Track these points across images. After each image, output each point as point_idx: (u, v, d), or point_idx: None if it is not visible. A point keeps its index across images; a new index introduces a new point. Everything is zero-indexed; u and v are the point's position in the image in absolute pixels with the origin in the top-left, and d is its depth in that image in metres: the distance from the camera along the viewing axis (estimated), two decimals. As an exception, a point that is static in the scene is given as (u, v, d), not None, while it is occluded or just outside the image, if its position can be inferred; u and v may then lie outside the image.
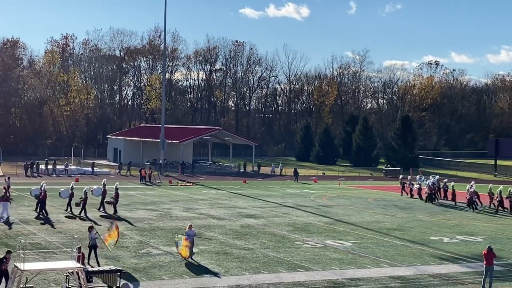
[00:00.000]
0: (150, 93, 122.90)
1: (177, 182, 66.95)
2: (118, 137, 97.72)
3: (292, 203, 51.37)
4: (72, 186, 44.03)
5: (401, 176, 62.75)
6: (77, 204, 41.18)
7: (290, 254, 30.47)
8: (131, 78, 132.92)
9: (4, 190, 41.42)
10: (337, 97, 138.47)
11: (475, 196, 50.26)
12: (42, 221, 37.95)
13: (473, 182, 53.94)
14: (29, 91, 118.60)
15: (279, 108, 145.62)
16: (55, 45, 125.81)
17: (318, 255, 30.40)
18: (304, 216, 44.21)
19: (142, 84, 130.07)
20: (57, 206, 43.27)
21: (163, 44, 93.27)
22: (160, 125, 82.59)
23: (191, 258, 28.34)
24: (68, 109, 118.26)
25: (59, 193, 43.87)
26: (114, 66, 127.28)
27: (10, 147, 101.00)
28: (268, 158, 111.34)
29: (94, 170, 74.23)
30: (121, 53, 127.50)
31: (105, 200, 43.30)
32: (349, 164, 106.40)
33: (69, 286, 21.93)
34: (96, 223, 37.08)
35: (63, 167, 73.82)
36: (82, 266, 20.73)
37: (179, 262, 27.97)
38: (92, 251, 26.53)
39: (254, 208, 47.41)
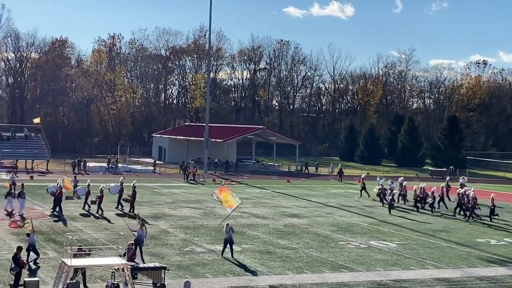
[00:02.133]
0: (194, 92, 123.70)
1: (221, 181, 67.16)
2: (163, 136, 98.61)
3: (335, 203, 51.12)
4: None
5: (448, 178, 61.07)
6: (93, 202, 41.23)
7: (334, 254, 30.33)
8: (176, 77, 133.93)
9: (21, 187, 41.09)
10: (382, 97, 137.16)
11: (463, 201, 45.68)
12: (90, 218, 38.55)
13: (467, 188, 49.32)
14: (77, 90, 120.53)
15: (323, 107, 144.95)
16: (102, 45, 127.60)
17: (362, 256, 30.18)
18: (348, 216, 43.94)
19: (187, 83, 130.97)
20: (105, 203, 43.67)
21: (208, 44, 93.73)
22: (205, 124, 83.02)
23: (232, 256, 28.41)
24: (115, 107, 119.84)
25: (109, 189, 44.21)
26: (160, 65, 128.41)
27: (58, 145, 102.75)
28: (312, 158, 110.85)
29: (155, 169, 75.93)
30: (167, 53, 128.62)
31: (122, 198, 43.20)
32: (394, 164, 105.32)
33: (115, 282, 22.23)
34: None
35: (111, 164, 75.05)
36: (128, 262, 20.97)
37: (222, 260, 28.09)
38: (138, 248, 26.86)
39: (297, 207, 47.33)
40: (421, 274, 26.91)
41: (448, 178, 59.99)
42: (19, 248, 23.10)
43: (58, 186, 41.31)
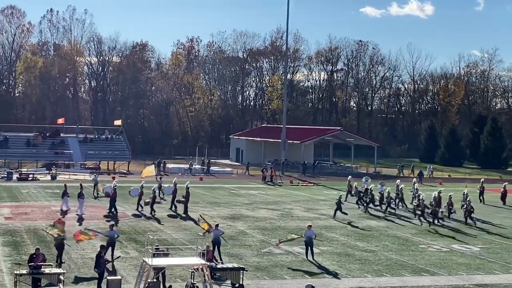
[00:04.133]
0: (271, 93, 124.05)
1: (298, 182, 67.10)
2: (241, 137, 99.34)
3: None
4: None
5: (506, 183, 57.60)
6: (146, 203, 41.34)
7: (414, 258, 29.74)
8: (253, 79, 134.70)
9: (80, 187, 41.69)
10: (464, 97, 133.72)
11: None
12: (170, 218, 39.17)
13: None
14: (157, 93, 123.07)
15: (403, 108, 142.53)
16: (181, 48, 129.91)
17: (443, 260, 29.48)
18: (429, 219, 42.93)
19: (264, 85, 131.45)
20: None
21: (285, 45, 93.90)
22: (282, 126, 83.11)
23: (313, 258, 28.28)
24: (193, 109, 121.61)
25: (162, 190, 44.46)
26: (237, 67, 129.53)
27: (139, 146, 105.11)
28: (391, 160, 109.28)
29: (209, 169, 76.37)
30: (244, 55, 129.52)
31: (176, 199, 43.15)
32: (476, 166, 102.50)
33: (194, 282, 22.47)
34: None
35: (187, 166, 76.25)
36: (207, 262, 21.16)
37: (300, 262, 27.99)
38: (216, 248, 27.08)
39: (376, 210, 46.62)
40: (505, 278, 26.05)
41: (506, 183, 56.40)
42: (103, 247, 23.67)
43: (113, 187, 41.65)
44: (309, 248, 28.45)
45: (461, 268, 27.76)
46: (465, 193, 43.97)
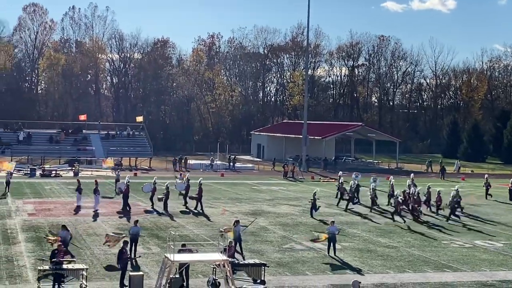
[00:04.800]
0: (292, 89, 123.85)
1: (320, 178, 66.95)
2: (262, 133, 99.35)
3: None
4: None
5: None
6: (159, 199, 41.27)
7: (437, 254, 29.54)
8: (274, 75, 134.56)
9: (95, 183, 41.68)
10: (487, 92, 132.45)
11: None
12: (190, 214, 39.30)
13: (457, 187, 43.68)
14: (178, 89, 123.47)
15: (424, 103, 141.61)
16: (202, 44, 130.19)
17: (466, 256, 29.25)
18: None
19: (285, 80, 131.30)
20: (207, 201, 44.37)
21: (306, 41, 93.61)
22: (303, 121, 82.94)
23: (335, 254, 28.21)
24: (214, 106, 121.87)
25: (175, 186, 44.42)
26: (258, 63, 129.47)
27: (160, 142, 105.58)
28: (413, 155, 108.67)
29: (235, 165, 76.38)
30: (265, 51, 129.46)
31: (188, 195, 43.04)
32: (499, 162, 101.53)
33: (216, 278, 22.51)
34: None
35: (208, 162, 76.50)
36: (228, 258, 21.18)
37: (322, 258, 27.93)
38: (237, 244, 27.10)
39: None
40: (530, 275, 25.77)
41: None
42: (125, 243, 23.79)
43: (126, 183, 41.48)
44: (331, 244, 28.36)
45: (484, 264, 27.52)
46: (456, 189, 42.63)
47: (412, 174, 52.15)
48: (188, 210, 41.01)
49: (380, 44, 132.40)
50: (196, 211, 40.54)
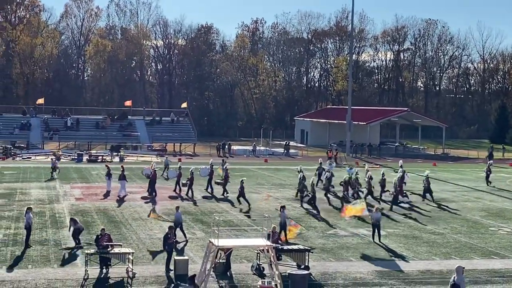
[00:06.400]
0: (336, 74, 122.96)
1: (364, 164, 66.34)
2: (305, 119, 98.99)
3: (485, 187, 48.88)
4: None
5: None
6: (183, 185, 41.20)
7: (484, 241, 29.08)
8: (318, 60, 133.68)
9: (121, 169, 41.43)
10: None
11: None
12: (234, 200, 39.39)
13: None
14: (221, 75, 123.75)
15: (472, 88, 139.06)
16: (246, 30, 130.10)
17: (515, 243, 28.73)
18: (499, 201, 41.92)
19: (329, 65, 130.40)
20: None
21: (350, 25, 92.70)
22: (347, 107, 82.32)
23: (379, 241, 27.97)
24: (258, 91, 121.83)
25: (199, 172, 44.10)
26: (302, 48, 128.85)
27: (204, 128, 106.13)
28: (459, 140, 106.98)
29: (289, 151, 76.66)
30: (309, 36, 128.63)
31: (214, 180, 42.71)
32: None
33: (260, 263, 22.56)
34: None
35: (251, 147, 76.68)
36: (272, 244, 21.17)
37: (366, 244, 27.75)
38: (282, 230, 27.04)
39: (444, 191, 45.79)
40: None
41: None
42: (171, 228, 23.97)
43: (153, 168, 41.39)
44: (376, 230, 28.14)
45: (534, 252, 26.99)
46: (426, 175, 41.30)
47: (401, 161, 49.78)
48: (211, 196, 40.83)
49: (426, 28, 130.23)
50: (224, 196, 40.26)
